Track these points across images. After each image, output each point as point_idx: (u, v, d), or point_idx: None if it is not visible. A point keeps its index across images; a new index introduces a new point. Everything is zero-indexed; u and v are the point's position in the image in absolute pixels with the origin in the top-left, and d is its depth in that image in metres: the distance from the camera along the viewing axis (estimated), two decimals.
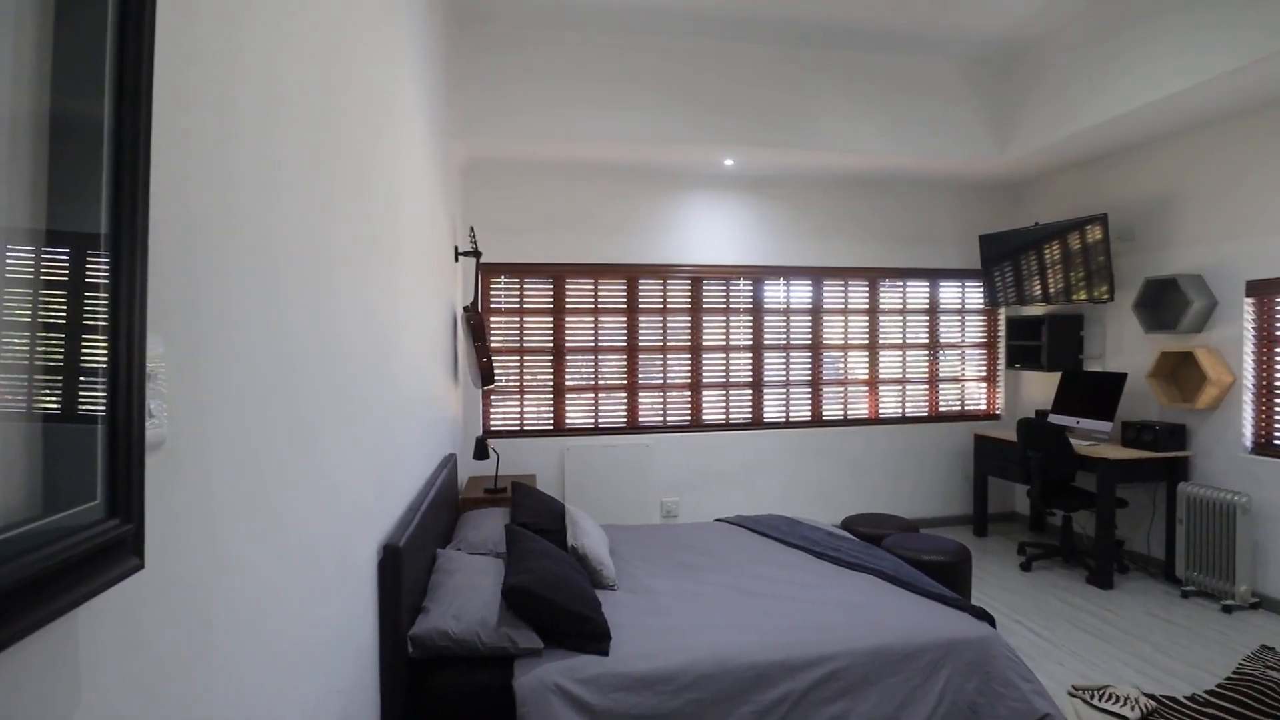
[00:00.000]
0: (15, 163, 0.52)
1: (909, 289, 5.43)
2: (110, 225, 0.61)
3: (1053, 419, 4.73)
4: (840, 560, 3.02)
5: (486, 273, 4.69)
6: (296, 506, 1.28)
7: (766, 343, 5.18)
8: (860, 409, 5.35)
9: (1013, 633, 3.35)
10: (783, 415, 5.21)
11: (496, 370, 4.69)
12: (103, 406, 0.62)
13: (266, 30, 1.13)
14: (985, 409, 5.58)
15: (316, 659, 1.38)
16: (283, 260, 1.22)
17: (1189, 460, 4.09)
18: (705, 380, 5.09)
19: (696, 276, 5.04)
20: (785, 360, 5.21)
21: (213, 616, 0.93)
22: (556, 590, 2.19)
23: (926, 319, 5.47)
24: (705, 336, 5.09)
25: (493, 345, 4.69)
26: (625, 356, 4.97)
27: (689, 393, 5.07)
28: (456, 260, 4.07)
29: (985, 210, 5.49)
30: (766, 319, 5.18)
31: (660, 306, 5.02)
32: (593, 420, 4.93)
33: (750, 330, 5.15)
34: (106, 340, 0.62)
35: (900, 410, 5.41)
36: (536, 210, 4.77)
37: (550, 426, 4.87)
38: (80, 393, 0.60)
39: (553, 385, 4.87)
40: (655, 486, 4.92)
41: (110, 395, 0.62)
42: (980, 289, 5.48)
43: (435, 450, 3.19)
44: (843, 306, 5.31)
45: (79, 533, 0.58)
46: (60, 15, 0.56)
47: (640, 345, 4.99)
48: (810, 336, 5.26)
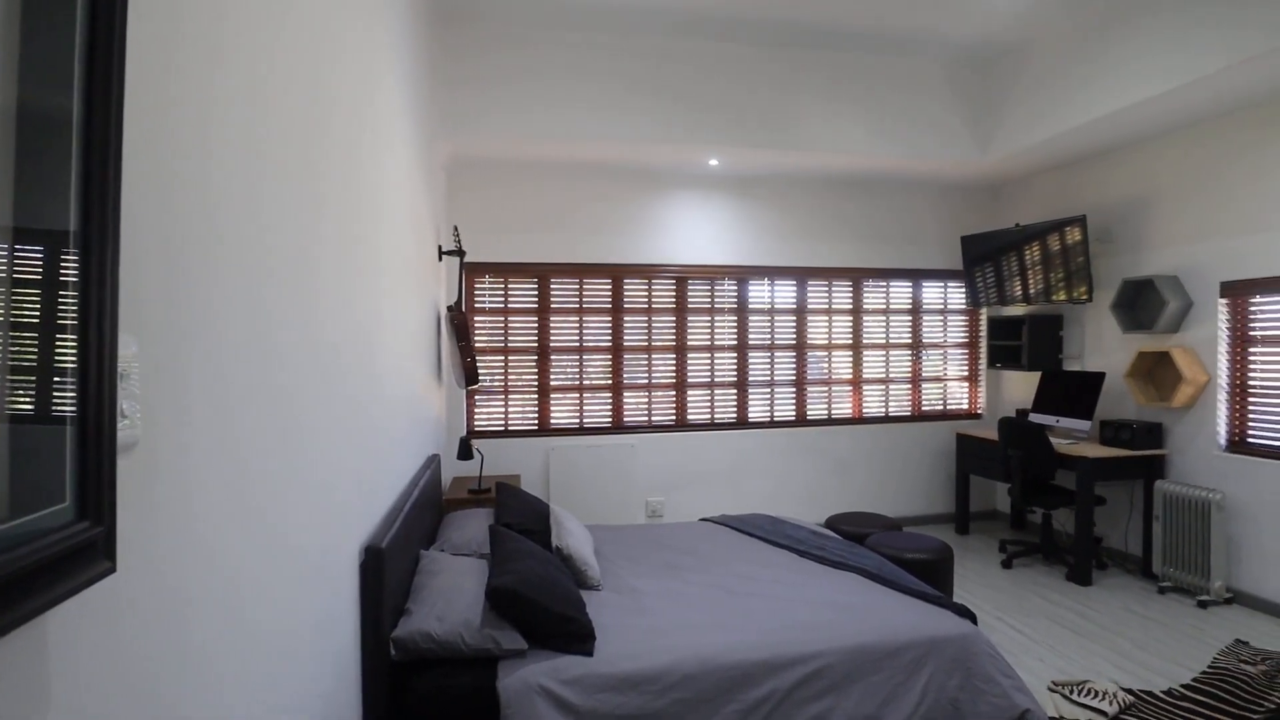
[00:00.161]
0: None
1: (892, 289, 5.47)
2: (79, 222, 0.60)
3: (1033, 418, 4.78)
4: (824, 559, 3.03)
5: (471, 272, 4.67)
6: (280, 508, 1.27)
7: (751, 343, 5.20)
8: (844, 409, 5.38)
9: (994, 629, 3.38)
10: (767, 415, 5.22)
11: (481, 370, 4.66)
12: (72, 407, 0.60)
13: (251, 29, 1.13)
14: (967, 408, 5.64)
15: (297, 661, 1.36)
16: (267, 260, 1.21)
17: (1165, 458, 4.16)
18: (690, 380, 5.09)
19: (681, 276, 5.04)
20: (770, 360, 5.23)
21: (192, 618, 0.92)
22: (541, 591, 2.18)
23: (910, 319, 5.51)
24: (690, 336, 5.09)
25: (477, 345, 4.67)
26: (610, 356, 4.96)
27: (674, 392, 5.07)
28: (440, 259, 4.04)
29: (967, 211, 5.54)
30: (751, 319, 5.19)
31: (645, 306, 5.02)
32: (577, 420, 4.92)
33: (735, 330, 5.17)
34: (76, 340, 0.60)
35: (884, 410, 5.44)
36: (521, 210, 4.75)
37: (535, 427, 4.85)
38: (48, 393, 0.59)
39: (537, 385, 4.85)
40: (640, 486, 4.92)
41: (80, 396, 0.61)
42: (962, 289, 5.53)
43: (419, 451, 3.16)
44: (827, 306, 5.34)
45: (47, 536, 0.57)
46: (28, 5, 0.54)
47: (625, 345, 4.99)
48: (795, 336, 5.28)
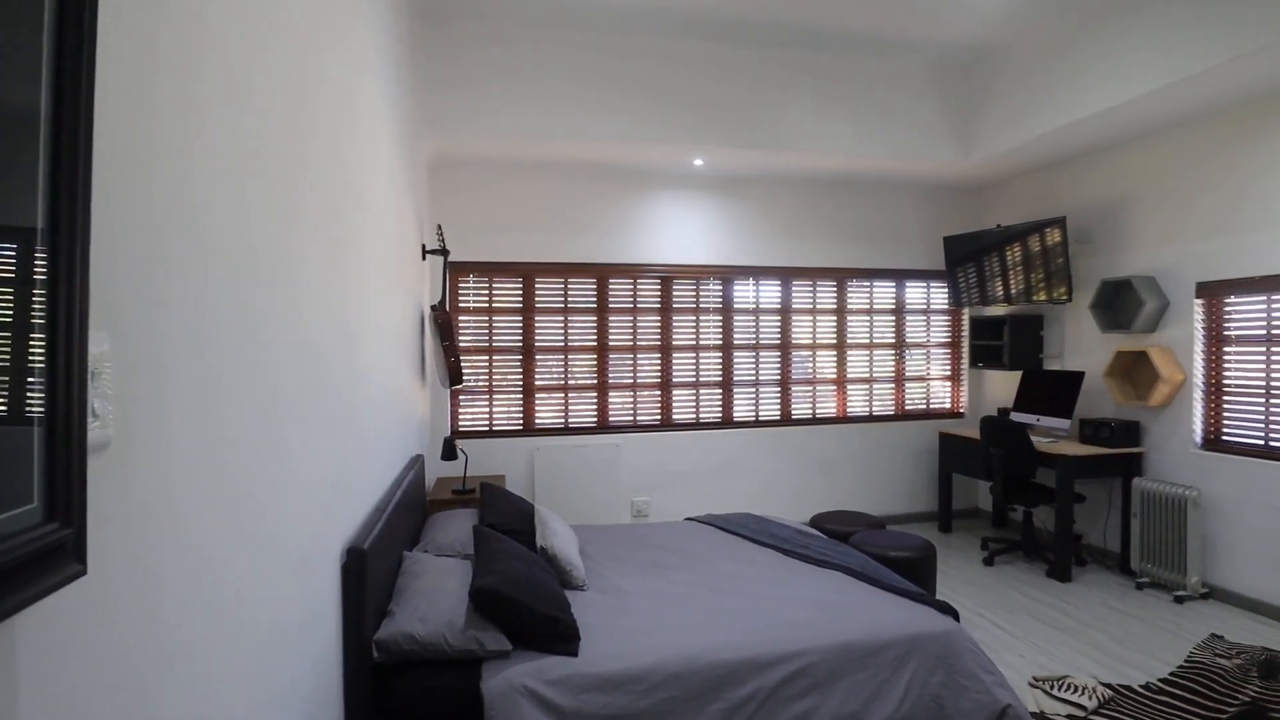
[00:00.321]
0: None
1: (876, 289, 5.51)
2: (47, 219, 0.59)
3: (1014, 417, 4.84)
4: (809, 557, 3.05)
5: (455, 271, 4.64)
6: (262, 508, 1.26)
7: (736, 342, 5.21)
8: (829, 408, 5.41)
9: (976, 626, 3.42)
10: (752, 415, 5.24)
11: (465, 370, 4.64)
12: (40, 407, 0.59)
13: (234, 26, 1.13)
14: (950, 407, 5.69)
15: (278, 663, 1.34)
16: (252, 258, 1.21)
17: (1143, 456, 4.22)
18: (675, 380, 5.10)
19: (666, 276, 5.05)
20: (755, 360, 5.25)
21: (169, 621, 0.90)
22: (525, 591, 2.17)
23: (893, 319, 5.56)
24: (675, 336, 5.10)
25: (461, 345, 4.64)
26: (595, 356, 4.96)
27: (659, 392, 5.07)
28: (424, 258, 4.01)
29: (950, 212, 5.59)
30: (736, 319, 5.21)
31: (630, 306, 5.01)
32: (562, 420, 4.91)
33: (720, 330, 5.18)
34: (45, 339, 0.59)
35: (868, 409, 5.48)
36: (505, 209, 4.73)
37: (519, 426, 4.83)
38: (19, 392, 0.58)
39: (522, 385, 4.84)
40: (625, 486, 4.91)
41: (49, 395, 0.60)
42: (945, 289, 5.58)
43: (402, 451, 3.14)
44: (811, 306, 5.37)
45: (13, 538, 0.55)
46: None
47: (610, 345, 4.98)
48: (779, 336, 5.30)
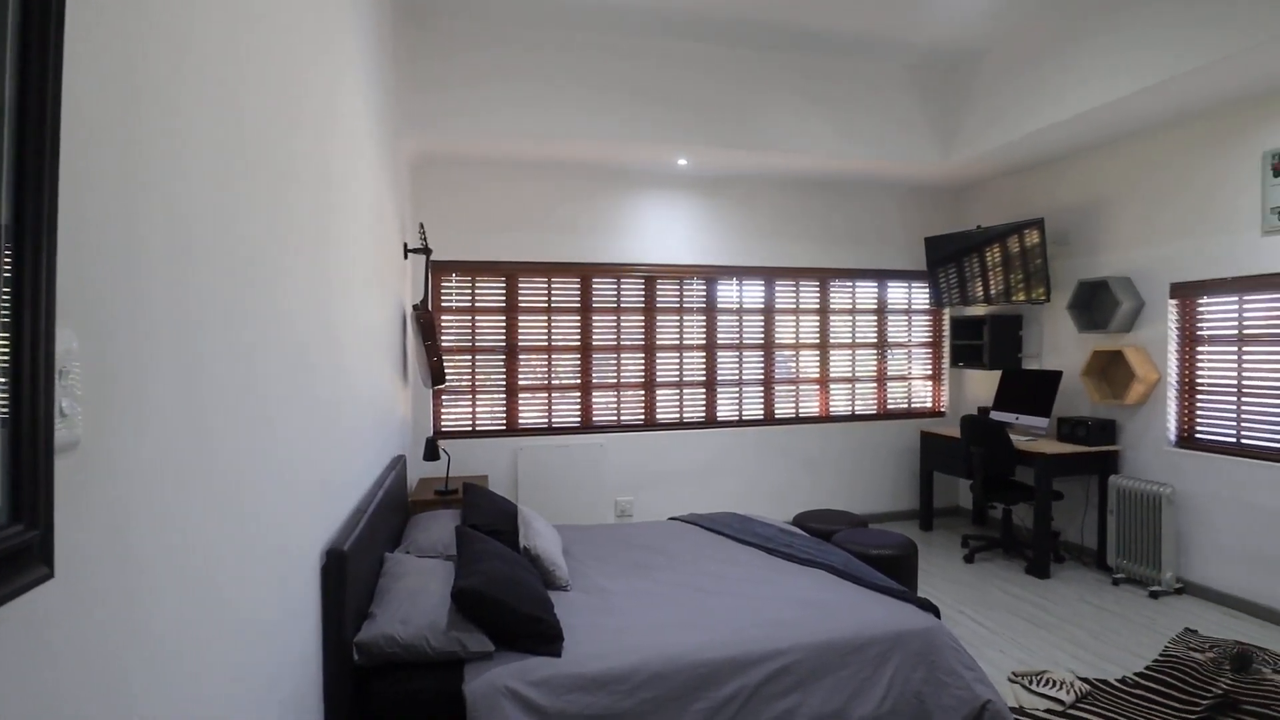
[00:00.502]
0: None
1: (858, 289, 5.55)
2: (11, 214, 0.57)
3: (994, 416, 4.89)
4: (792, 556, 3.06)
5: (437, 270, 4.61)
6: (242, 509, 1.24)
7: (719, 342, 5.22)
8: (812, 408, 5.44)
9: (956, 623, 3.45)
10: (736, 414, 5.26)
11: (447, 370, 4.61)
12: (4, 407, 0.58)
13: (219, 25, 1.13)
14: (931, 406, 5.74)
15: (256, 665, 1.32)
16: (236, 258, 1.21)
17: (1119, 454, 4.29)
18: (659, 379, 5.10)
19: (650, 276, 5.05)
20: (738, 359, 5.26)
21: (150, 621, 0.89)
22: (508, 592, 2.16)
23: (875, 319, 5.60)
24: (659, 336, 5.10)
25: (444, 344, 4.61)
26: (579, 356, 4.94)
27: (643, 392, 5.07)
28: (406, 257, 3.98)
29: (931, 213, 5.65)
30: (719, 318, 5.22)
31: (614, 306, 5.01)
32: (546, 420, 4.89)
33: (704, 330, 5.19)
34: (8, 337, 0.58)
35: (850, 408, 5.52)
36: (488, 208, 4.71)
37: (503, 426, 4.81)
38: None
39: (505, 385, 4.81)
40: (609, 486, 4.91)
41: (12, 394, 0.58)
42: (926, 290, 5.64)
43: (384, 451, 3.11)
44: (794, 306, 5.40)
45: None
46: None
47: (594, 344, 4.97)
48: (762, 336, 5.32)
